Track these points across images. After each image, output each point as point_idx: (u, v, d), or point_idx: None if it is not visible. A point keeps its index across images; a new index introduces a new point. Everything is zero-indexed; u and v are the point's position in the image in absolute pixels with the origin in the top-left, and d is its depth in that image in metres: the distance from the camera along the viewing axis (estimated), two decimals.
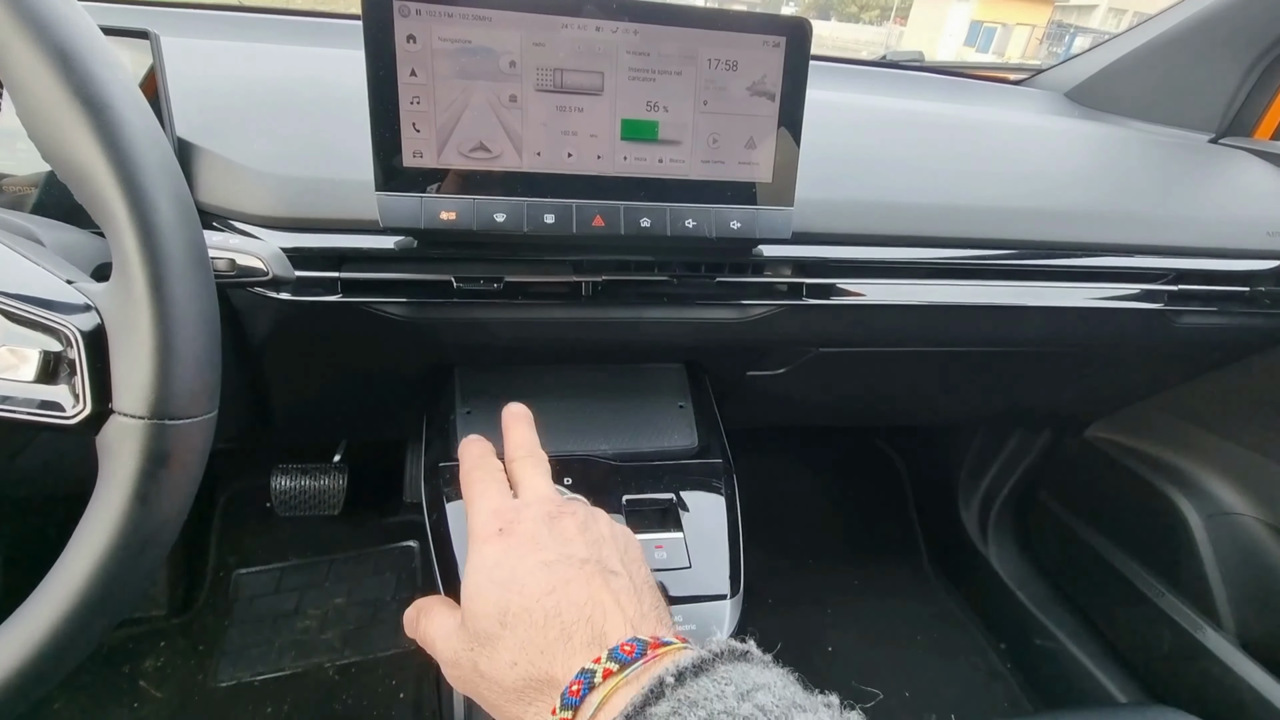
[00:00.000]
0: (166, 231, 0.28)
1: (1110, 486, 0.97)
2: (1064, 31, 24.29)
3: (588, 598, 0.29)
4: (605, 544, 0.33)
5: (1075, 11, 27.62)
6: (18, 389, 0.28)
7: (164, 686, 0.91)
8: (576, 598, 0.29)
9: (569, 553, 0.31)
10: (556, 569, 0.30)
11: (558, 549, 0.31)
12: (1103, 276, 0.65)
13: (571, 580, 0.30)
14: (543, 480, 0.38)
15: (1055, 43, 24.39)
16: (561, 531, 0.33)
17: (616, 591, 0.30)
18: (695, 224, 0.50)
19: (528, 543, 0.32)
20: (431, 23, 0.43)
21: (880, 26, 32.60)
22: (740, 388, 0.73)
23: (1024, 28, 25.30)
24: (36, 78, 0.26)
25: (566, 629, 0.28)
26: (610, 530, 0.35)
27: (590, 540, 0.33)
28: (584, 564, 0.31)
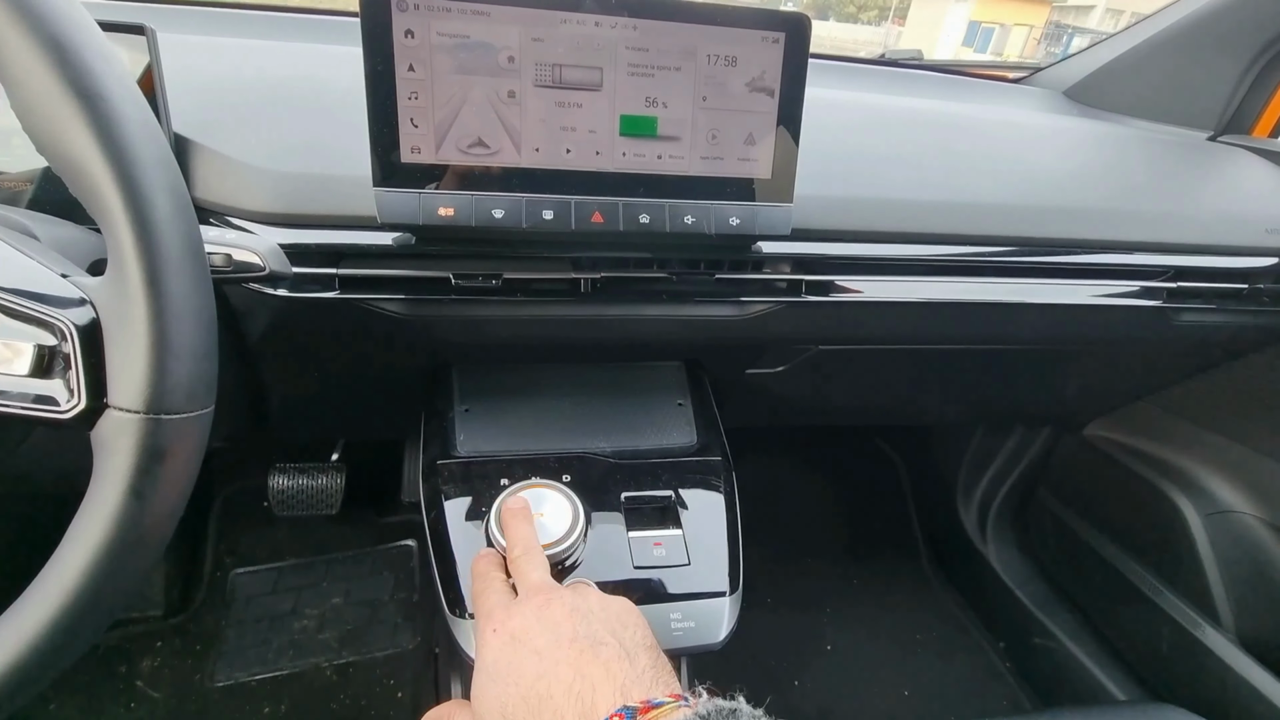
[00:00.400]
0: (162, 226, 0.28)
1: (1109, 485, 0.97)
2: (1062, 32, 24.32)
3: (575, 675, 0.30)
4: (593, 618, 0.34)
5: (1073, 12, 27.66)
6: (11, 383, 0.28)
7: (161, 687, 0.91)
8: (564, 677, 0.30)
9: (558, 635, 0.33)
10: (546, 654, 0.32)
11: (547, 634, 0.33)
12: (1101, 274, 0.65)
13: (560, 661, 0.31)
14: (536, 573, 0.40)
15: (1053, 43, 24.43)
16: (550, 617, 0.34)
17: (605, 661, 0.31)
18: (694, 220, 0.50)
19: (520, 635, 0.33)
20: (430, 18, 0.43)
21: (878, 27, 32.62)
22: (739, 386, 0.72)
23: (1022, 28, 25.33)
24: (32, 71, 0.26)
25: (558, 711, 0.29)
26: (600, 604, 0.36)
27: (579, 618, 0.34)
28: (572, 642, 0.32)
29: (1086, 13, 26.26)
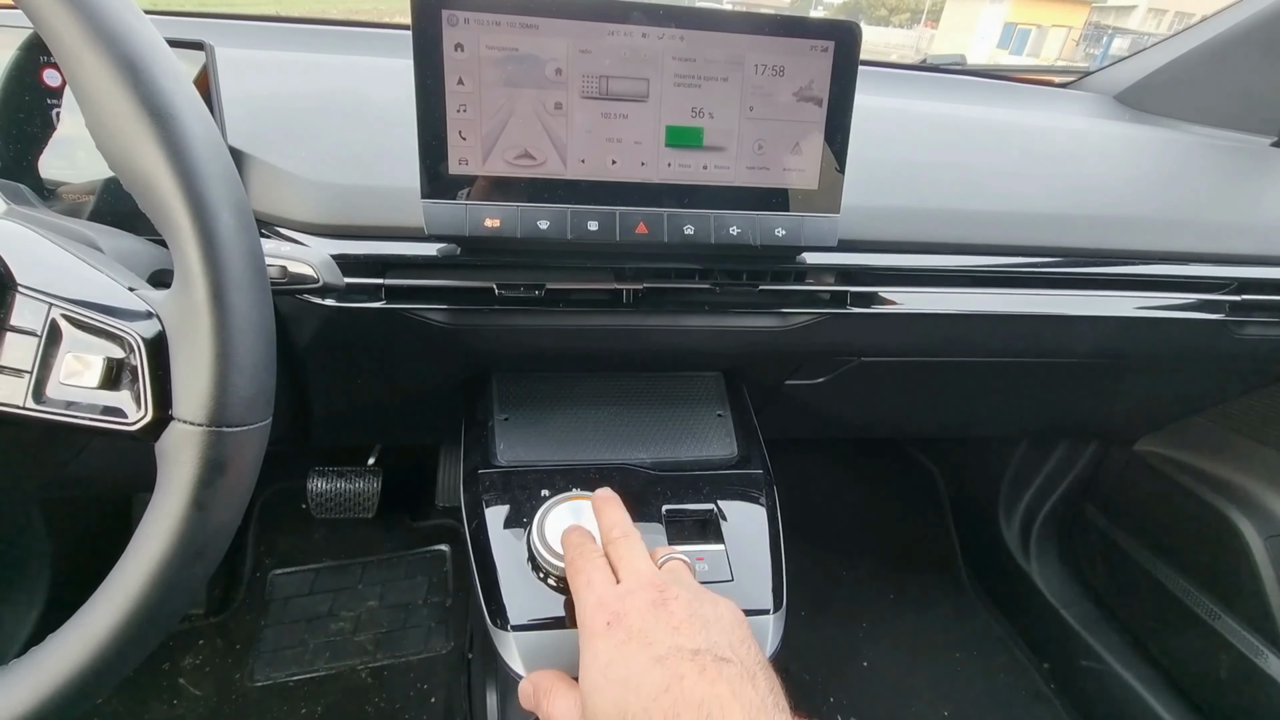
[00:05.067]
0: (227, 242, 0.28)
1: (1161, 503, 0.93)
2: (1101, 33, 23.71)
3: (704, 695, 0.29)
4: (713, 628, 0.33)
5: (1113, 13, 26.97)
6: (82, 394, 0.29)
7: (202, 684, 0.93)
8: (692, 697, 0.29)
9: (678, 643, 0.32)
10: (669, 664, 0.31)
11: (668, 640, 0.32)
12: (1158, 285, 0.63)
13: (685, 676, 0.30)
14: (641, 560, 0.39)
15: (1092, 44, 23.81)
16: (669, 619, 0.33)
17: (730, 680, 0.30)
18: (739, 231, 0.49)
19: (637, 637, 0.33)
20: (479, 31, 0.43)
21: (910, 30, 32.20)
22: (778, 397, 0.71)
23: (1059, 29, 24.76)
24: (106, 89, 0.27)
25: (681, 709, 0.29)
26: (715, 611, 0.35)
27: (698, 626, 0.33)
28: (695, 655, 0.31)
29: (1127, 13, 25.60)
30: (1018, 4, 24.86)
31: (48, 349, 0.29)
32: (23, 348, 0.29)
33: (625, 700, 0.31)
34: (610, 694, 0.31)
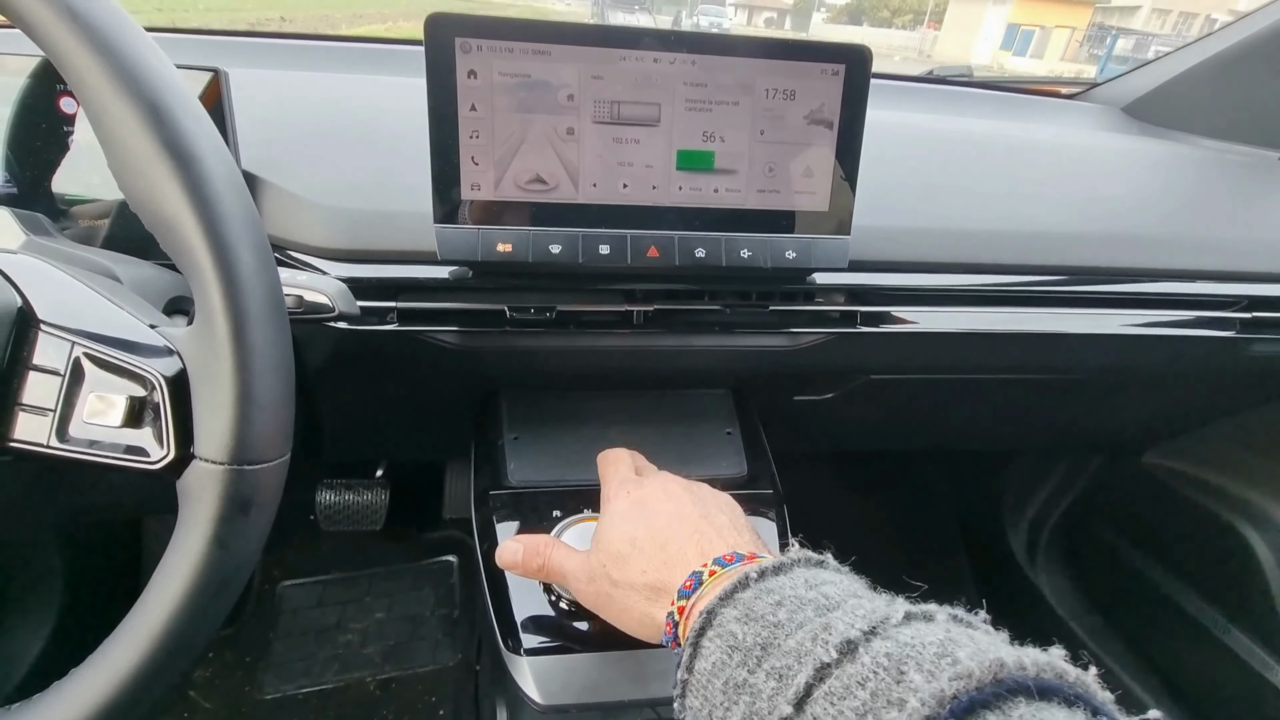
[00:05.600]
0: (248, 282, 0.28)
1: (1169, 516, 0.93)
2: (1105, 34, 23.67)
3: (695, 530, 0.37)
4: (709, 502, 0.41)
5: (1117, 13, 26.91)
6: (105, 434, 0.29)
7: (212, 697, 0.93)
8: (685, 530, 0.38)
9: (680, 504, 0.40)
10: (671, 514, 0.39)
11: (671, 503, 0.40)
12: (1168, 303, 0.63)
13: (683, 519, 0.39)
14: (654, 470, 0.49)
15: (1096, 45, 23.77)
16: (672, 492, 0.41)
17: (719, 528, 0.38)
18: (750, 254, 0.49)
19: (647, 500, 0.41)
20: (492, 58, 0.44)
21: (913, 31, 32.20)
22: (786, 413, 0.72)
23: (1063, 30, 24.72)
24: (130, 132, 0.27)
25: (682, 548, 0.36)
26: (713, 494, 0.43)
27: (697, 500, 0.41)
28: (693, 510, 0.39)
29: (1131, 14, 25.55)
30: (1021, 5, 24.83)
31: (71, 388, 0.29)
32: (46, 386, 0.29)
33: (633, 531, 0.38)
34: (624, 528, 0.39)
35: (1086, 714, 0.23)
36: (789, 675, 0.26)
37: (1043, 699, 0.23)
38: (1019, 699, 0.23)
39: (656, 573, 0.36)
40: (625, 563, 0.37)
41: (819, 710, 0.25)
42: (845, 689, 0.24)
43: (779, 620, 0.28)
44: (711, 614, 0.30)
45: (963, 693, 0.22)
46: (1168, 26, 23.74)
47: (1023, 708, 0.22)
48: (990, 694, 0.23)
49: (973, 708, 0.22)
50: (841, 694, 0.24)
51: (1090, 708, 0.23)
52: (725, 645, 0.29)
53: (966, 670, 0.23)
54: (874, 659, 0.25)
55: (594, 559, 0.39)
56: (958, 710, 0.22)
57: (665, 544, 0.37)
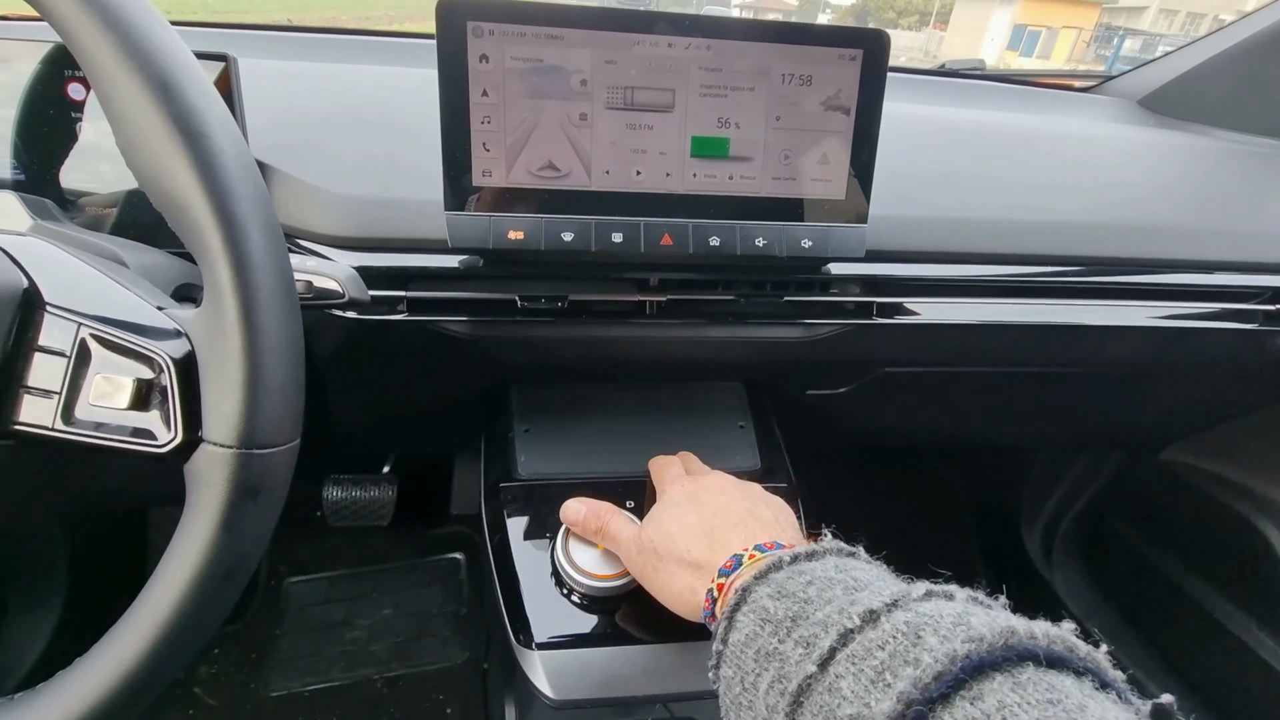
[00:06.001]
0: (258, 262, 0.28)
1: (1188, 513, 0.91)
2: (1112, 34, 23.54)
3: (741, 520, 0.40)
4: (757, 499, 0.43)
5: (1124, 14, 26.77)
6: (111, 416, 0.28)
7: (218, 694, 0.93)
8: (734, 520, 0.40)
9: (730, 500, 0.42)
10: (720, 508, 0.41)
11: (722, 498, 0.43)
12: (1189, 295, 0.62)
13: (731, 511, 0.41)
14: (706, 469, 0.51)
15: (1103, 45, 23.64)
16: (723, 488, 0.44)
17: (765, 522, 0.40)
18: (765, 243, 0.48)
19: (699, 494, 0.43)
20: (504, 43, 0.43)
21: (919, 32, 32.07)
22: (799, 407, 0.71)
23: (1070, 30, 24.60)
24: (138, 108, 0.27)
25: (727, 535, 0.39)
26: (763, 493, 0.45)
27: (746, 495, 0.43)
28: (741, 505, 0.42)
29: (1139, 14, 25.42)
30: (1028, 6, 24.73)
31: (77, 369, 0.28)
32: (52, 368, 0.28)
33: (684, 518, 0.41)
34: (674, 514, 0.41)
35: (1094, 685, 0.24)
36: (815, 642, 0.27)
37: (1051, 668, 0.24)
38: (1028, 665, 0.24)
39: (701, 553, 0.38)
40: (673, 540, 0.40)
41: (841, 669, 0.26)
42: (866, 651, 0.26)
43: (809, 597, 0.30)
44: (746, 591, 0.32)
45: (974, 654, 0.24)
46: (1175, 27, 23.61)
47: (1030, 672, 0.23)
48: (1000, 657, 0.24)
49: (982, 668, 0.24)
50: (862, 655, 0.26)
51: (1099, 681, 0.24)
52: (758, 619, 0.31)
53: (979, 634, 0.24)
54: (894, 626, 0.26)
55: (645, 533, 0.42)
56: (968, 669, 0.23)
57: (712, 530, 0.39)
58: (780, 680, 0.28)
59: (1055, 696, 0.22)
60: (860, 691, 0.25)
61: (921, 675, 0.24)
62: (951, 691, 0.23)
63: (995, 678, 0.23)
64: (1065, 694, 0.23)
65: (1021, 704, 0.22)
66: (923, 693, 0.23)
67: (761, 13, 33.17)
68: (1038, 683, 0.23)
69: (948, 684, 0.23)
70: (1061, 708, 0.22)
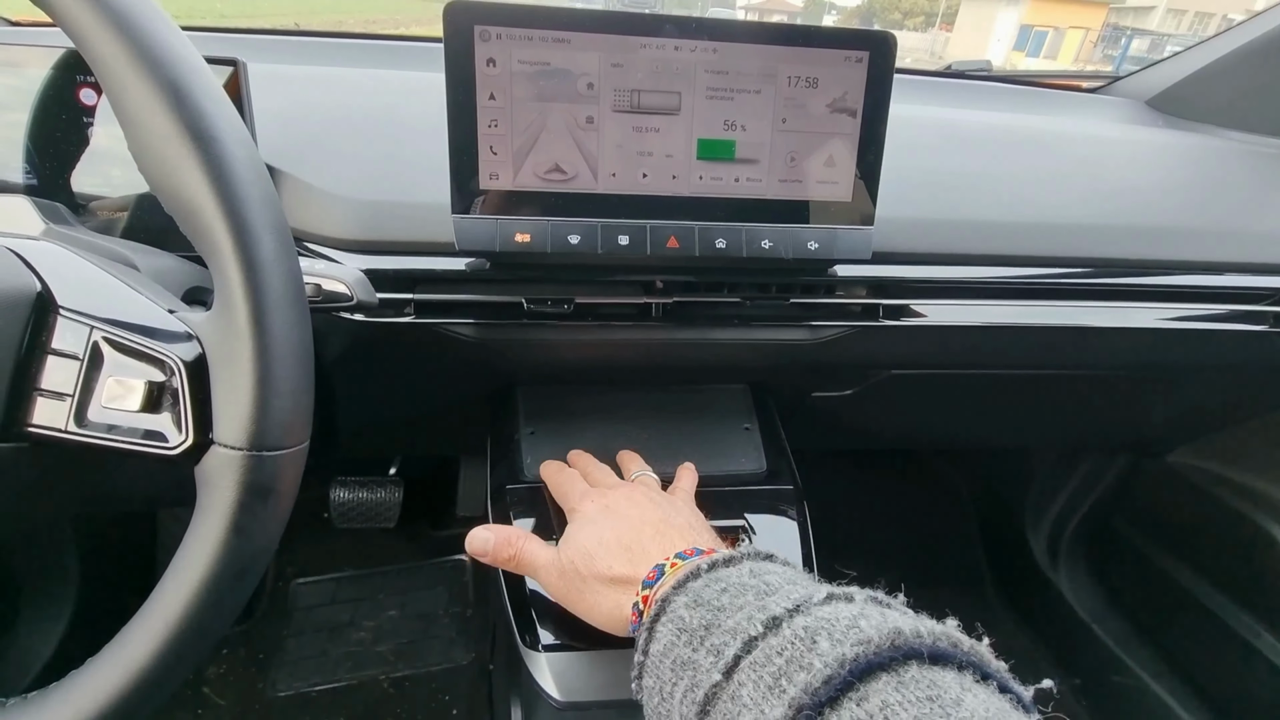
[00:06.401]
0: (268, 265, 0.28)
1: (1197, 517, 0.91)
2: (1120, 34, 23.44)
3: (658, 530, 0.40)
4: (670, 507, 0.44)
5: (1131, 13, 26.66)
6: (123, 418, 0.29)
7: (226, 694, 0.93)
8: (650, 530, 0.40)
9: (644, 511, 0.43)
10: (636, 519, 0.42)
11: (636, 509, 0.43)
12: (1198, 296, 0.61)
13: (648, 521, 0.41)
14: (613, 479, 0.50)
15: (1110, 46, 23.54)
16: (636, 499, 0.44)
17: (680, 528, 0.41)
18: (772, 245, 0.49)
19: (613, 507, 0.43)
20: (511, 46, 0.43)
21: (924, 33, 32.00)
22: (804, 409, 0.70)
23: (1077, 31, 24.51)
24: (148, 112, 0.27)
25: (646, 547, 0.39)
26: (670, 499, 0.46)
27: (659, 505, 0.44)
28: (657, 515, 0.42)
29: (1146, 14, 25.29)
30: (1034, 6, 24.65)
31: (89, 372, 0.29)
32: (65, 371, 0.29)
33: (600, 533, 0.41)
34: (589, 531, 0.41)
35: (975, 677, 0.25)
36: (723, 650, 0.28)
37: (934, 664, 0.25)
38: (911, 663, 0.25)
39: (623, 568, 0.38)
40: (593, 560, 0.40)
41: (743, 677, 0.27)
42: (766, 658, 0.27)
43: (722, 605, 0.31)
44: (665, 602, 0.33)
45: (862, 656, 0.25)
46: (1183, 26, 23.49)
47: (914, 670, 0.24)
48: (887, 657, 0.25)
49: (870, 669, 0.25)
50: (763, 662, 0.27)
51: (981, 673, 0.25)
52: (675, 628, 0.31)
53: (867, 637, 0.25)
54: (793, 631, 0.27)
55: (564, 556, 0.42)
56: (856, 671, 0.25)
57: (631, 544, 0.39)
58: (692, 689, 0.29)
59: (935, 693, 0.23)
60: (758, 699, 0.26)
61: (812, 680, 0.24)
62: (840, 695, 0.24)
63: (881, 678, 0.24)
64: (944, 689, 0.24)
65: (903, 702, 0.23)
66: (812, 697, 0.24)
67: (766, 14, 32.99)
68: (919, 680, 0.24)
69: (836, 687, 0.24)
70: (939, 703, 0.23)
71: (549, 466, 0.52)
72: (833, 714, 0.24)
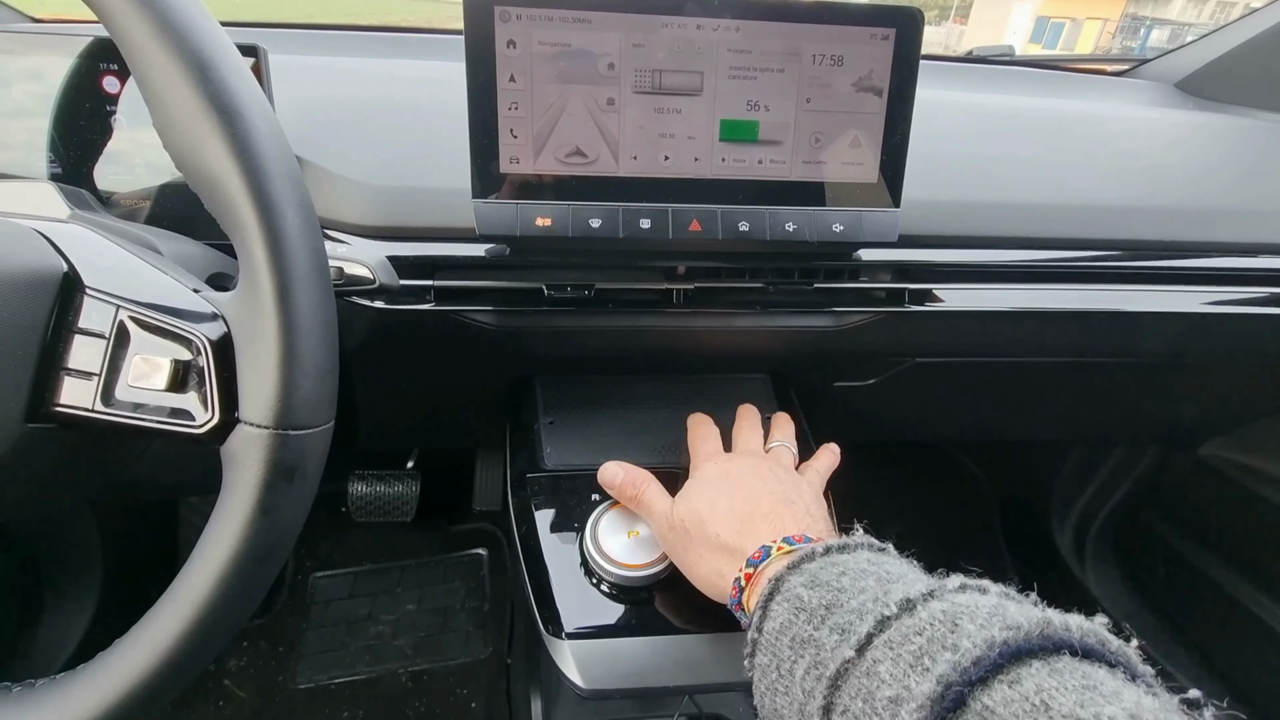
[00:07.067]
0: (293, 241, 0.28)
1: (1229, 509, 0.89)
2: (1139, 24, 23.06)
3: (773, 508, 0.40)
4: (790, 485, 0.44)
5: (1150, 3, 26.21)
6: (150, 397, 0.28)
7: (246, 686, 0.94)
8: (766, 507, 0.40)
9: (765, 484, 0.43)
10: (754, 491, 0.42)
11: (757, 482, 0.43)
12: (1233, 279, 0.60)
13: (764, 496, 0.41)
14: (755, 443, 0.51)
15: (1129, 36, 23.15)
16: (760, 471, 0.44)
17: (796, 512, 0.40)
18: (795, 228, 0.48)
19: (734, 474, 0.44)
20: (532, 27, 0.43)
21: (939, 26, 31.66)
22: (824, 399, 0.69)
23: (1095, 22, 24.13)
24: (174, 87, 0.27)
25: (757, 523, 0.39)
26: (796, 479, 0.46)
27: (781, 481, 0.44)
28: (775, 490, 0.42)
29: (1166, 3, 24.85)
30: None
31: (116, 351, 0.29)
32: (91, 350, 0.29)
33: (715, 499, 0.41)
34: (708, 493, 0.42)
35: (1125, 677, 0.24)
36: (851, 628, 0.28)
37: (1085, 658, 0.25)
38: (1063, 654, 0.24)
39: (730, 537, 0.39)
40: (703, 522, 0.41)
41: (879, 654, 0.27)
42: (903, 637, 0.26)
43: (843, 586, 0.30)
44: (780, 580, 0.33)
45: (1012, 641, 0.24)
46: (1205, 15, 23.05)
47: (1066, 660, 0.24)
48: (1037, 645, 0.24)
49: (1019, 654, 0.24)
50: (900, 642, 0.26)
51: (1130, 674, 0.24)
52: (792, 607, 0.31)
53: (1016, 623, 0.25)
54: (931, 614, 0.27)
55: (676, 511, 0.43)
56: (1005, 654, 0.24)
57: (744, 516, 0.40)
58: (816, 666, 0.28)
59: (1091, 682, 0.23)
60: (899, 675, 0.25)
61: (960, 659, 0.24)
62: (990, 675, 0.24)
63: (1032, 664, 0.24)
64: (1100, 681, 0.23)
65: (1060, 687, 0.23)
66: (961, 675, 0.24)
67: None
68: (1073, 670, 0.24)
69: (986, 668, 0.24)
70: (1098, 692, 0.22)
71: (695, 417, 0.53)
72: (983, 693, 0.24)
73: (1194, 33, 15.52)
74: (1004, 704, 0.23)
